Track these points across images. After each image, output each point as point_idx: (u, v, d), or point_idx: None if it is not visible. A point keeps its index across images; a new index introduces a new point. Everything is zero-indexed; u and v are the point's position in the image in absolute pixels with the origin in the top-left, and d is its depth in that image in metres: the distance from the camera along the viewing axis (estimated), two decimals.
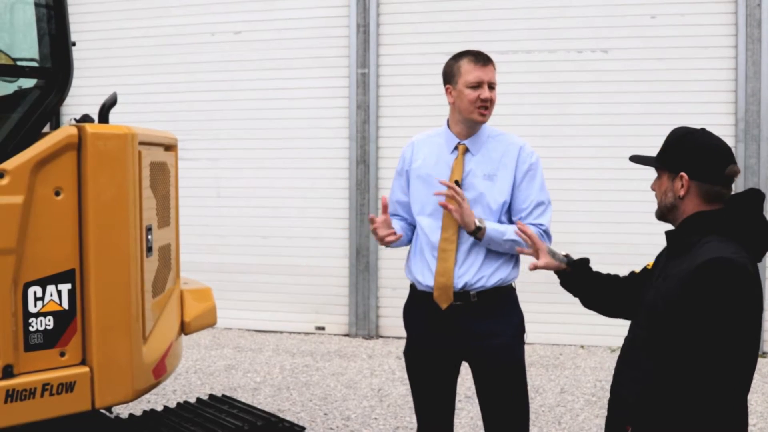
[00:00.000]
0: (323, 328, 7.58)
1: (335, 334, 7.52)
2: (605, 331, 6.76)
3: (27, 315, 2.58)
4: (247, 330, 7.65)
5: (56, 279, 2.64)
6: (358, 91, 7.36)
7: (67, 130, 2.67)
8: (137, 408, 4.41)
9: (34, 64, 2.91)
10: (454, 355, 3.14)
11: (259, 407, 3.74)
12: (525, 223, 3.06)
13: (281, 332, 7.59)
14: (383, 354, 6.80)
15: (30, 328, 2.59)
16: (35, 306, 2.60)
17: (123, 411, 4.31)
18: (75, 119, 2.91)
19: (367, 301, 7.42)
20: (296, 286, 7.59)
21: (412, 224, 3.27)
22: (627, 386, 2.32)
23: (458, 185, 3.02)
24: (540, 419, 5.06)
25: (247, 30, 7.66)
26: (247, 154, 7.71)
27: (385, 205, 3.05)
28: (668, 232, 2.37)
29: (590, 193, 6.93)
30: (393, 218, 3.27)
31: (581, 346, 6.97)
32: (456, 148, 3.11)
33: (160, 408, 3.77)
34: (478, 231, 2.97)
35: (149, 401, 5.15)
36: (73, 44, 2.82)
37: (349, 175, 7.44)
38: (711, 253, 2.14)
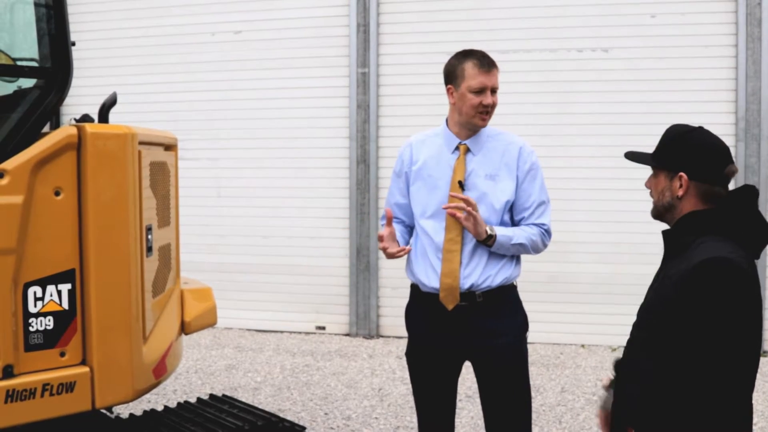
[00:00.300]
0: (324, 328, 7.58)
1: (336, 334, 7.52)
2: (606, 331, 6.77)
3: (27, 315, 2.58)
4: (247, 330, 7.65)
5: (56, 279, 2.63)
6: (358, 90, 7.35)
7: (66, 129, 2.67)
8: (137, 408, 4.41)
9: (34, 64, 2.91)
10: (458, 355, 3.13)
11: (259, 407, 3.74)
12: (527, 222, 3.07)
13: (282, 332, 7.59)
14: (384, 353, 6.80)
15: (30, 328, 2.59)
16: (35, 306, 2.60)
17: (123, 411, 4.30)
18: (75, 119, 2.90)
19: (368, 301, 7.41)
20: (296, 286, 7.59)
21: (410, 226, 3.25)
22: (628, 387, 2.32)
23: (461, 186, 3.02)
24: (541, 418, 5.06)
25: (248, 30, 7.66)
26: (247, 154, 7.70)
27: (389, 218, 3.03)
28: (665, 232, 2.35)
29: (590, 192, 6.93)
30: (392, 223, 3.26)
31: (582, 346, 6.96)
32: (457, 148, 3.09)
33: (160, 408, 3.77)
34: (489, 239, 2.96)
35: (149, 401, 5.15)
36: (73, 44, 2.82)
37: (350, 175, 7.44)
38: (707, 252, 2.12)
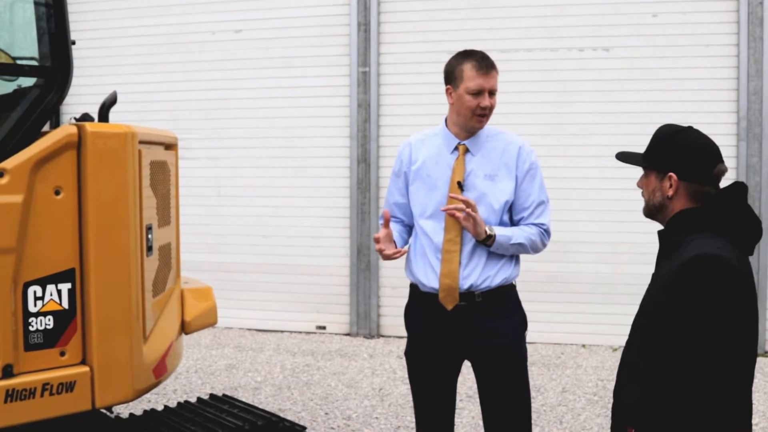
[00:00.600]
0: (324, 328, 7.58)
1: (336, 334, 7.52)
2: (607, 330, 6.77)
3: (27, 314, 2.57)
4: (247, 329, 7.65)
5: (56, 278, 2.63)
6: (359, 89, 7.34)
7: (66, 129, 2.66)
8: (138, 407, 4.41)
9: (34, 63, 2.90)
10: (457, 355, 3.13)
11: (259, 407, 3.74)
12: (526, 222, 3.07)
13: (282, 331, 7.58)
14: (384, 353, 6.79)
15: (30, 328, 2.58)
16: (35, 305, 2.59)
17: (123, 411, 4.30)
18: (75, 118, 2.90)
19: (368, 301, 7.41)
20: (297, 286, 7.59)
21: (409, 226, 3.25)
22: (626, 388, 2.32)
23: (460, 186, 3.02)
24: (541, 418, 5.05)
25: (248, 29, 7.65)
26: (248, 153, 7.70)
27: (387, 220, 3.03)
28: (660, 232, 2.36)
29: (591, 191, 6.92)
30: (391, 223, 3.26)
31: (583, 345, 6.96)
32: (456, 148, 3.09)
33: (160, 407, 3.76)
34: (488, 239, 2.96)
35: (150, 401, 5.15)
36: (73, 43, 2.81)
37: (350, 174, 7.43)
38: (696, 249, 2.13)
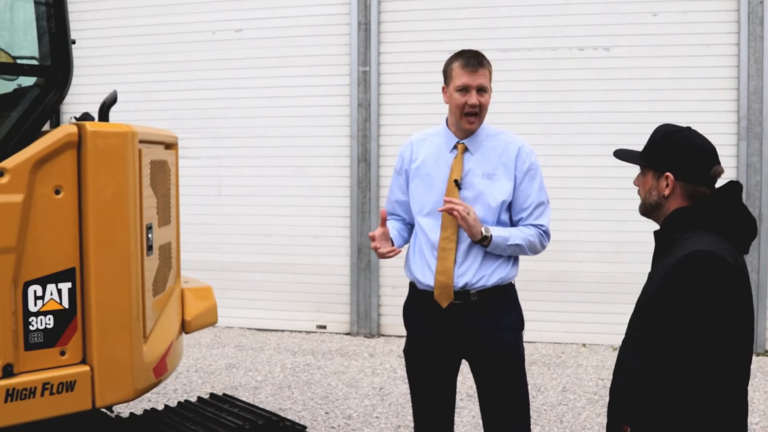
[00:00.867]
0: (324, 327, 7.58)
1: (336, 333, 7.52)
2: (607, 330, 6.77)
3: (27, 314, 2.57)
4: (248, 329, 7.65)
5: (56, 278, 2.62)
6: (359, 89, 7.34)
7: (67, 128, 2.66)
8: (138, 407, 4.41)
9: (34, 63, 2.89)
10: (454, 354, 3.13)
11: (260, 406, 3.73)
12: (525, 223, 3.08)
13: (282, 331, 7.58)
14: (384, 353, 6.79)
15: (30, 327, 2.58)
16: (35, 305, 2.59)
17: (124, 410, 4.30)
18: (75, 117, 2.90)
19: (369, 300, 7.41)
20: (297, 285, 7.59)
21: (410, 223, 3.27)
22: (622, 385, 2.33)
23: (457, 185, 3.03)
24: (542, 418, 5.05)
25: (248, 28, 7.65)
26: (248, 152, 7.70)
27: (383, 218, 3.03)
28: (656, 232, 2.38)
29: (592, 191, 6.92)
30: (391, 219, 3.29)
31: (583, 345, 6.95)
32: (455, 147, 3.10)
33: (161, 407, 3.76)
34: (484, 240, 2.97)
35: (150, 400, 5.15)
36: (73, 42, 2.81)
37: (350, 174, 7.43)
38: (692, 246, 2.15)
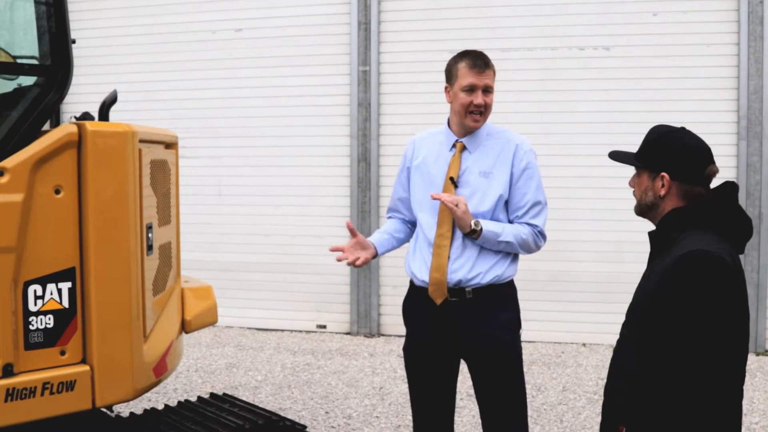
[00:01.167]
0: (324, 327, 7.58)
1: (336, 333, 7.52)
2: (607, 329, 6.76)
3: (27, 313, 2.57)
4: (248, 328, 7.65)
5: (56, 277, 2.62)
6: (359, 88, 7.34)
7: (67, 128, 2.66)
8: (138, 407, 4.41)
9: (34, 62, 2.89)
10: (451, 351, 3.13)
11: (260, 406, 3.73)
12: (520, 222, 3.08)
13: (282, 330, 7.58)
14: (385, 352, 6.79)
15: (30, 327, 2.58)
16: (35, 304, 2.59)
17: (123, 410, 4.30)
18: (75, 117, 2.89)
19: (369, 299, 7.40)
20: (297, 284, 7.59)
21: (411, 221, 3.31)
22: (617, 385, 2.33)
23: (453, 182, 3.05)
24: (542, 417, 5.05)
25: (248, 27, 7.65)
26: (248, 152, 7.69)
27: (351, 229, 3.19)
28: (650, 233, 2.39)
29: (592, 190, 6.91)
30: (391, 218, 3.36)
31: (583, 344, 6.95)
32: (454, 146, 3.13)
33: (161, 407, 3.76)
34: (473, 233, 2.99)
35: (150, 400, 5.15)
36: (73, 42, 2.81)
37: (350, 173, 7.43)
38: (688, 246, 2.15)
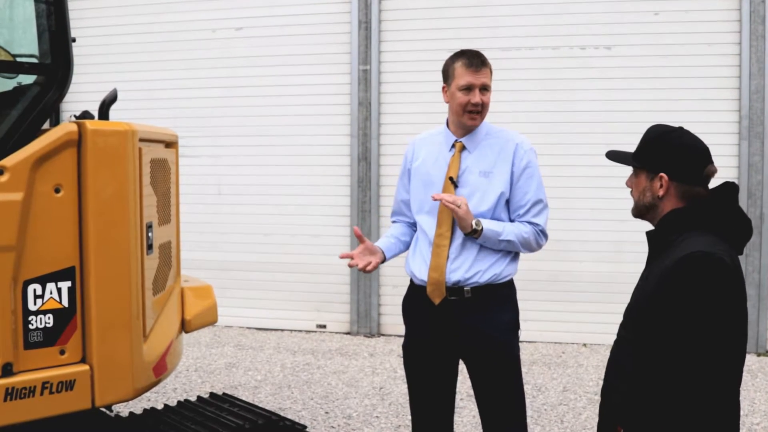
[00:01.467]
0: (324, 326, 7.57)
1: (336, 332, 7.51)
2: (608, 330, 6.72)
3: (27, 313, 2.56)
4: (248, 328, 7.64)
5: (56, 276, 2.62)
6: (359, 87, 7.33)
7: (66, 126, 2.65)
8: (138, 406, 4.40)
9: (34, 61, 2.88)
10: (450, 351, 3.13)
11: (260, 406, 3.72)
12: (521, 221, 3.08)
13: (282, 330, 7.58)
14: (385, 352, 6.78)
15: (30, 326, 2.57)
16: (35, 304, 2.58)
17: (123, 409, 4.30)
18: (75, 116, 2.89)
19: (369, 299, 7.40)
20: (297, 284, 7.58)
21: (415, 223, 3.29)
22: (615, 386, 2.32)
23: (453, 182, 3.05)
24: (542, 418, 5.05)
25: (249, 26, 7.64)
26: (248, 151, 7.69)
27: (359, 236, 3.11)
28: (648, 233, 2.37)
29: (592, 190, 6.90)
30: (396, 222, 3.36)
31: (584, 344, 6.95)
32: (453, 146, 3.13)
33: (160, 406, 3.75)
34: (474, 233, 2.99)
35: (150, 399, 5.15)
36: (73, 40, 2.80)
37: (351, 173, 7.42)
38: (689, 248, 2.14)
